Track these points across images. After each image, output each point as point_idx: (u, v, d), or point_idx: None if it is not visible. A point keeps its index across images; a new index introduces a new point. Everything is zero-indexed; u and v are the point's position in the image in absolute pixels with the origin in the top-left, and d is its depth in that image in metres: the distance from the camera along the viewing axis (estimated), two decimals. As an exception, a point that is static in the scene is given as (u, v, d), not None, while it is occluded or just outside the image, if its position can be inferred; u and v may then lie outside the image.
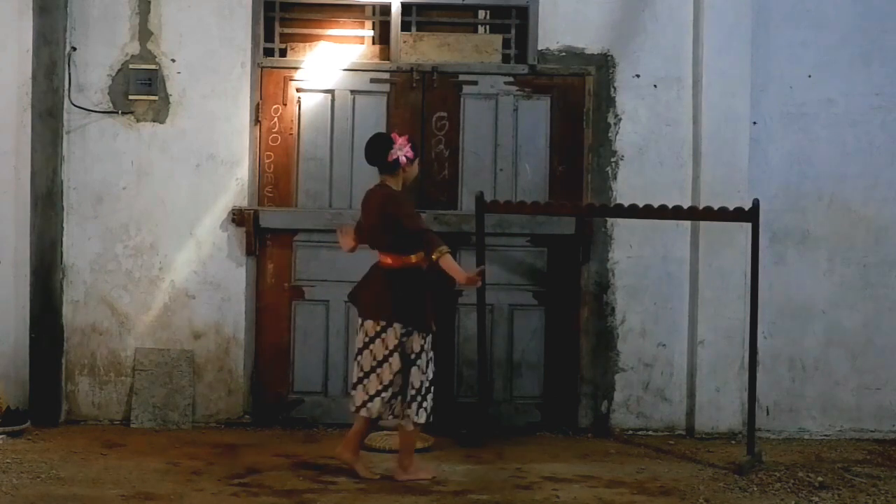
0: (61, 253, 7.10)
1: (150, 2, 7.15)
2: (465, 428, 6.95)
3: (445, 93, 7.29)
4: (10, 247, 7.06)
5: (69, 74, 7.08)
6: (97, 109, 7.14)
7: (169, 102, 7.18)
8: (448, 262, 5.72)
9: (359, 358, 5.94)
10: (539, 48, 7.27)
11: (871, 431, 7.39)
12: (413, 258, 5.90)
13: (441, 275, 5.82)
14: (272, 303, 7.26)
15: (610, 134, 7.30)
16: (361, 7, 7.36)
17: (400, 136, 6.05)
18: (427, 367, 5.93)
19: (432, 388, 5.97)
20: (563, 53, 7.29)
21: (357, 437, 6.02)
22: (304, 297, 7.27)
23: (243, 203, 7.19)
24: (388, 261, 5.93)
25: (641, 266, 7.30)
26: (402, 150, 5.96)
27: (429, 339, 5.95)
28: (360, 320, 5.99)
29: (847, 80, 7.37)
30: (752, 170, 7.22)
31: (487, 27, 7.49)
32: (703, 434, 7.18)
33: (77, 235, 7.15)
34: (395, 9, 7.24)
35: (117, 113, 7.15)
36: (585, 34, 7.28)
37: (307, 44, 7.34)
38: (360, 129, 7.25)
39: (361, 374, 5.92)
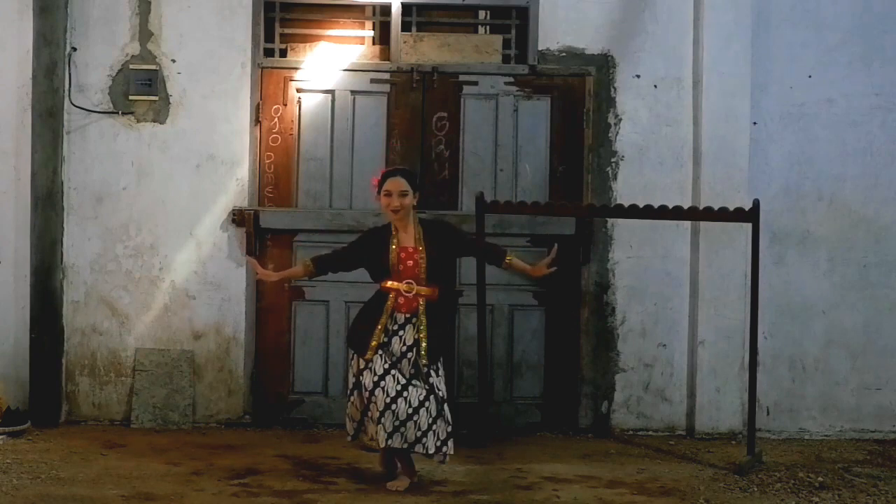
0: (61, 253, 7.10)
1: (150, 2, 7.15)
2: (466, 428, 6.94)
3: (446, 93, 7.29)
4: (10, 247, 7.06)
5: (69, 75, 7.08)
6: (97, 110, 7.14)
7: (169, 103, 7.18)
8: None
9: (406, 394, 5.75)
10: (539, 48, 7.27)
11: (871, 432, 7.39)
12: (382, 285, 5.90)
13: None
14: (272, 303, 7.26)
15: (610, 134, 7.30)
16: (361, 7, 7.37)
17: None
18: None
19: (355, 408, 5.87)
20: (564, 54, 7.30)
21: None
22: (305, 297, 7.27)
23: (243, 203, 7.19)
24: None
25: (641, 266, 7.30)
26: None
27: (358, 362, 5.86)
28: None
29: (847, 80, 7.37)
30: (752, 170, 7.22)
31: (487, 27, 7.49)
32: (704, 434, 7.18)
33: (77, 235, 7.16)
34: (396, 9, 7.24)
35: (117, 113, 7.15)
36: (585, 34, 7.28)
37: (307, 44, 7.34)
38: (360, 130, 7.26)
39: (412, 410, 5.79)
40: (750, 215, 6.42)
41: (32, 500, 5.47)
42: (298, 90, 7.26)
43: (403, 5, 7.26)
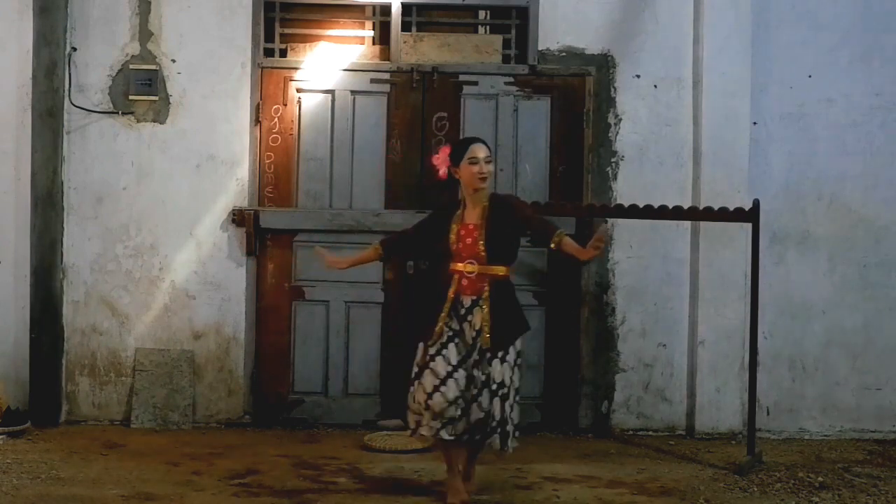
0: (61, 253, 7.10)
1: (150, 2, 7.15)
2: (466, 428, 6.94)
3: (446, 93, 7.29)
4: (10, 247, 7.06)
5: (69, 75, 7.08)
6: (97, 110, 7.14)
7: (169, 103, 7.18)
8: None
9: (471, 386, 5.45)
10: (539, 48, 7.27)
11: (871, 431, 7.38)
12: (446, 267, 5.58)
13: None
14: (272, 303, 7.26)
15: (610, 134, 7.30)
16: (361, 7, 7.37)
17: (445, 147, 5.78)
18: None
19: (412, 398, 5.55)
20: (564, 54, 7.30)
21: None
22: (305, 297, 7.27)
23: (243, 203, 7.20)
24: None
25: (641, 266, 7.30)
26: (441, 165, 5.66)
27: (425, 351, 5.55)
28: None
29: (847, 80, 7.37)
30: (752, 170, 7.22)
31: (487, 27, 7.49)
32: (704, 434, 7.18)
33: (77, 235, 7.16)
34: (396, 9, 7.25)
35: (117, 113, 7.15)
36: (585, 34, 7.28)
37: (307, 44, 7.34)
38: (360, 130, 7.26)
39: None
40: (750, 215, 6.42)
41: (32, 500, 5.47)
42: (298, 90, 7.26)
43: (403, 5, 7.26)
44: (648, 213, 6.60)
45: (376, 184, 7.26)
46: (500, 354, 5.41)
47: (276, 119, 7.25)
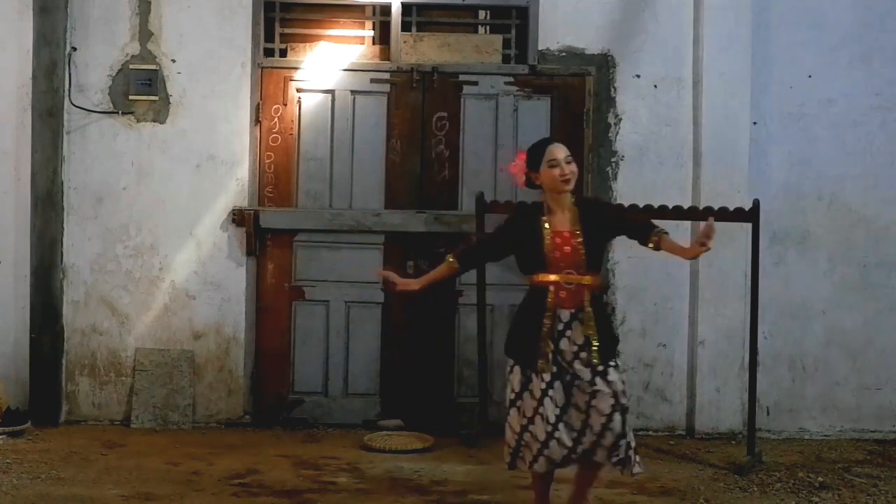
0: (61, 253, 7.10)
1: (150, 2, 7.15)
2: (465, 428, 6.94)
3: (446, 93, 7.29)
4: (10, 247, 7.06)
5: (69, 75, 7.08)
6: (97, 110, 7.14)
7: (169, 103, 7.18)
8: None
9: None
10: (539, 48, 7.27)
11: (871, 431, 7.38)
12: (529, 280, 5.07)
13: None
14: (272, 303, 7.26)
15: (610, 134, 7.30)
16: (361, 7, 7.36)
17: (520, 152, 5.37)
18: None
19: (511, 430, 5.00)
20: (564, 54, 7.30)
21: None
22: (305, 297, 7.27)
23: (243, 203, 7.19)
24: None
25: (641, 266, 7.29)
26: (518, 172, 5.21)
27: (523, 375, 4.99)
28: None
29: (847, 80, 7.37)
30: (752, 170, 7.22)
31: (487, 27, 7.49)
32: (704, 434, 7.18)
33: (77, 235, 7.16)
34: (396, 9, 7.24)
35: (117, 113, 7.15)
36: (585, 34, 7.28)
37: (307, 44, 7.34)
38: (360, 130, 7.26)
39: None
40: (750, 215, 6.42)
41: (32, 500, 5.47)
42: (298, 90, 7.26)
43: (403, 5, 7.26)
44: (648, 213, 6.58)
45: (376, 184, 7.25)
46: (612, 366, 4.98)
47: (276, 119, 7.25)
